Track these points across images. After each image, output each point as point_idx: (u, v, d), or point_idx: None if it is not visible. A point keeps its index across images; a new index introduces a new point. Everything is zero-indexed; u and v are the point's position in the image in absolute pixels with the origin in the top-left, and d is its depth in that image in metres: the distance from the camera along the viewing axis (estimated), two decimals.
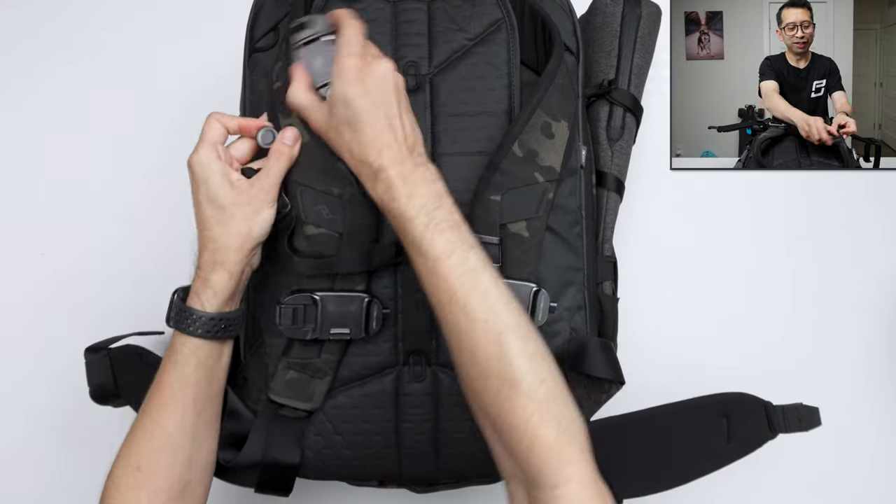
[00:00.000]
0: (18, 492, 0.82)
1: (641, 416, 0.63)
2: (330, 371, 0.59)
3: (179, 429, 0.55)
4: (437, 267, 0.50)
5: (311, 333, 0.58)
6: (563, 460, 0.46)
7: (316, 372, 0.59)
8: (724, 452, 0.62)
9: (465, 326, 0.49)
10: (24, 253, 0.84)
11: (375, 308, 0.58)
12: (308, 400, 0.60)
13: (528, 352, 0.48)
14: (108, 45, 0.87)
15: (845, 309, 0.80)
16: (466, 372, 0.50)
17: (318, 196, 0.57)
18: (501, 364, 0.47)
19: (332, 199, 0.57)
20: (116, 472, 0.54)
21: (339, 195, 0.57)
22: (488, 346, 0.48)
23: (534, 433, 0.46)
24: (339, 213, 0.57)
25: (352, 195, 0.57)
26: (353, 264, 0.57)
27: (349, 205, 0.57)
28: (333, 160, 0.57)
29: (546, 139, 0.58)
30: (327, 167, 0.57)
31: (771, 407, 0.62)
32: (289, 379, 0.60)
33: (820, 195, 0.82)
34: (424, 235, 0.51)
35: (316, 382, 0.59)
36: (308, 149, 0.58)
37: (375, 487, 0.67)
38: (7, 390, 0.82)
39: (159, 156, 0.84)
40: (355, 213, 0.57)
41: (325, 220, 0.57)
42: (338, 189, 0.57)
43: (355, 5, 0.62)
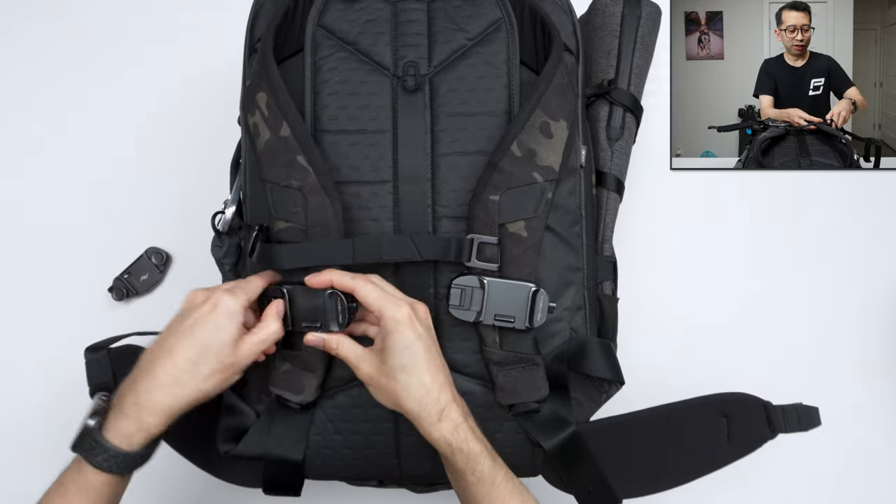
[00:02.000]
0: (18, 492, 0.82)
1: (641, 416, 0.63)
2: (319, 365, 0.59)
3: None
4: (493, 490, 0.55)
5: (286, 325, 0.58)
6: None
7: (305, 365, 0.59)
8: (724, 452, 0.62)
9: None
10: (24, 253, 0.84)
11: (339, 302, 0.57)
12: (299, 392, 0.60)
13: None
14: (108, 45, 0.87)
15: (845, 309, 0.80)
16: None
17: (282, 191, 0.57)
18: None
19: (293, 193, 0.57)
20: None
21: (298, 188, 0.57)
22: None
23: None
24: (301, 206, 0.57)
25: (311, 186, 0.57)
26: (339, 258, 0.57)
27: (309, 195, 0.57)
28: (294, 154, 0.57)
29: (545, 139, 0.58)
30: (288, 161, 0.57)
31: (771, 407, 0.62)
32: (284, 370, 0.60)
33: (820, 195, 0.82)
34: (492, 467, 0.55)
35: (307, 376, 0.59)
36: (270, 145, 0.58)
37: (375, 487, 0.67)
38: (7, 390, 0.82)
39: (159, 156, 0.84)
40: (315, 203, 0.57)
41: (291, 214, 0.57)
42: (297, 182, 0.57)
43: (355, 5, 0.62)
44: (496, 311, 0.57)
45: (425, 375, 0.54)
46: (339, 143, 0.60)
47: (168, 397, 0.53)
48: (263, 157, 0.59)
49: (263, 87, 0.58)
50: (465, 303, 0.57)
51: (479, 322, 0.58)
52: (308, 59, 0.61)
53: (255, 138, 0.59)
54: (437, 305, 0.60)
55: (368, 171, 0.60)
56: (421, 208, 0.59)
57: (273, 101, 0.58)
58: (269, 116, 0.58)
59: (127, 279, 0.81)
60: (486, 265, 0.57)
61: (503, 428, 0.61)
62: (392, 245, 0.57)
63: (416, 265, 0.59)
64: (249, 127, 0.60)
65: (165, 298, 0.82)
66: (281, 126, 0.57)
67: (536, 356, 0.60)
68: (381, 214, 0.59)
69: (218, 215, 0.66)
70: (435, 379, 0.54)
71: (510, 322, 0.58)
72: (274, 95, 0.58)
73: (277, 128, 0.57)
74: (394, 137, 0.60)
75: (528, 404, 0.60)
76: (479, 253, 0.57)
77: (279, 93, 0.58)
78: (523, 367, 0.59)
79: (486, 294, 0.57)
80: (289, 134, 0.57)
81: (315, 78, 0.61)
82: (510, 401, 0.60)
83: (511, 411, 0.61)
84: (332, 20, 0.62)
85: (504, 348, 0.59)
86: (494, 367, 0.59)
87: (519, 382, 0.59)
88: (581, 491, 0.62)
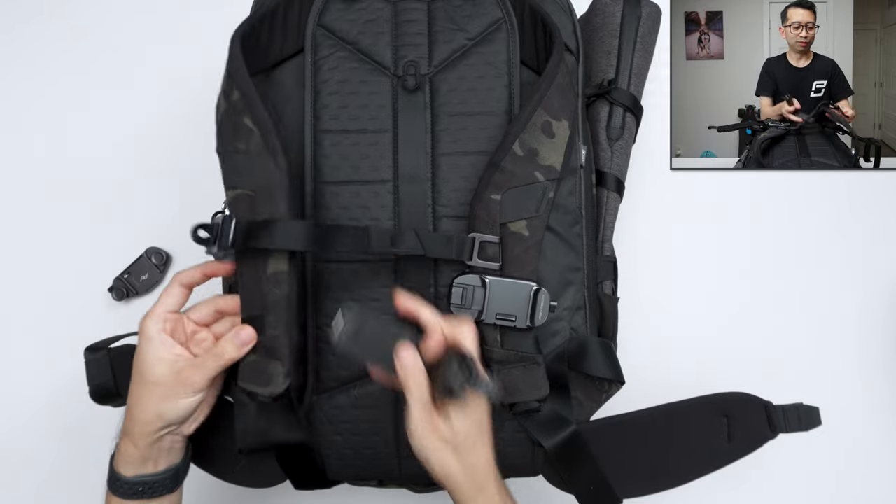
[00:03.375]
0: (19, 492, 0.82)
1: (641, 416, 0.63)
2: (284, 350, 0.56)
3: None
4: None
5: None
6: None
7: (269, 352, 0.56)
8: (724, 452, 0.62)
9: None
10: (24, 253, 0.84)
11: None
12: (266, 385, 0.56)
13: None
14: (108, 45, 0.87)
15: (845, 308, 0.80)
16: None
17: (231, 157, 0.56)
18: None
19: (240, 157, 0.56)
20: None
21: (244, 150, 0.56)
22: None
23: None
24: (247, 171, 0.56)
25: (256, 147, 0.55)
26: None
27: (256, 158, 0.55)
28: (240, 116, 0.55)
29: (547, 138, 0.58)
30: (235, 124, 0.56)
31: (771, 406, 0.62)
32: (249, 361, 0.57)
33: (820, 195, 0.82)
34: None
35: (273, 365, 0.56)
36: (223, 116, 0.57)
37: (375, 487, 0.67)
38: (7, 390, 0.82)
39: (159, 156, 0.84)
40: (260, 165, 0.55)
41: (237, 181, 0.56)
42: (243, 144, 0.56)
43: (356, 5, 0.62)
44: (497, 310, 0.57)
45: (480, 451, 0.54)
46: (340, 143, 0.60)
47: (128, 424, 0.56)
48: (220, 129, 0.58)
49: (227, 67, 0.58)
50: (466, 302, 0.57)
51: (481, 321, 0.58)
52: (308, 59, 0.61)
53: (216, 116, 0.59)
54: (437, 305, 0.60)
55: (368, 171, 0.60)
56: (421, 208, 0.59)
57: (227, 71, 0.57)
58: (224, 85, 0.58)
59: (127, 279, 0.81)
60: (488, 264, 0.57)
61: (503, 427, 0.61)
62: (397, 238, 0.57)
63: (416, 265, 0.59)
64: (217, 108, 0.59)
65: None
66: (232, 92, 0.57)
67: (537, 355, 0.60)
68: (381, 214, 0.59)
69: (218, 215, 0.66)
70: (482, 454, 0.54)
71: (511, 321, 0.58)
72: (231, 64, 0.57)
73: (230, 94, 0.57)
74: (394, 137, 0.60)
75: (529, 403, 0.60)
76: (480, 252, 0.57)
77: (234, 59, 0.57)
78: (524, 366, 0.59)
79: (487, 293, 0.57)
80: (238, 97, 0.56)
81: (315, 78, 0.61)
82: (511, 400, 0.60)
83: (512, 410, 0.61)
84: (332, 20, 0.62)
85: (505, 347, 0.59)
86: (495, 366, 0.59)
87: (520, 381, 0.59)
88: (581, 491, 0.62)
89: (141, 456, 0.55)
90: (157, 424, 0.55)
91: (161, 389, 0.55)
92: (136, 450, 0.55)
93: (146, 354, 0.55)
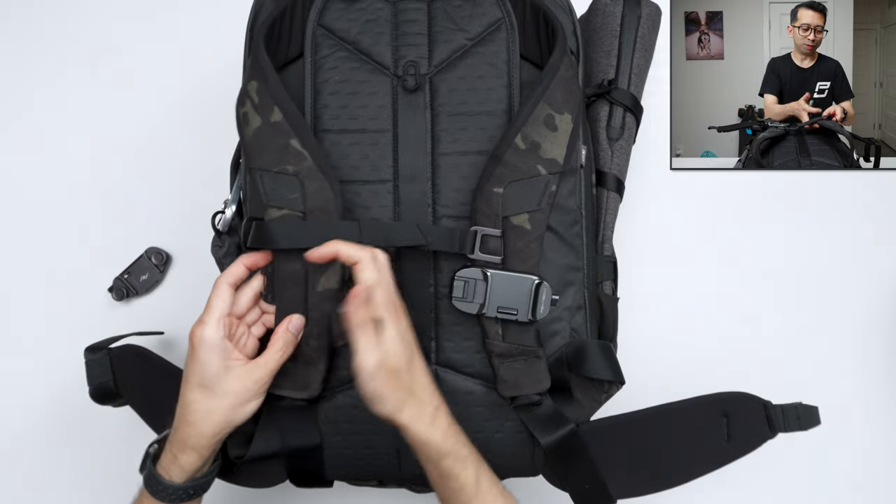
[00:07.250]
0: (19, 492, 0.82)
1: (641, 416, 0.63)
2: (320, 358, 0.58)
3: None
4: (477, 497, 0.54)
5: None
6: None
7: (308, 360, 0.58)
8: (724, 452, 0.62)
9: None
10: (24, 253, 0.84)
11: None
12: (304, 389, 0.59)
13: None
14: (109, 47, 0.87)
15: (845, 308, 0.80)
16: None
17: (275, 178, 0.57)
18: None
19: (289, 178, 0.57)
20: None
21: (294, 173, 0.57)
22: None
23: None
24: (299, 192, 0.57)
25: (307, 170, 0.56)
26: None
27: (307, 180, 0.56)
28: (287, 138, 0.56)
29: (549, 131, 0.58)
30: (280, 146, 0.57)
31: (770, 406, 0.62)
32: (284, 369, 0.58)
33: (820, 195, 0.82)
34: (477, 472, 0.54)
35: (311, 371, 0.58)
36: (260, 132, 0.57)
37: (375, 487, 0.67)
38: (7, 390, 0.82)
39: (160, 156, 0.84)
40: (314, 187, 0.56)
41: (287, 201, 0.57)
42: (292, 167, 0.57)
43: (356, 5, 0.62)
44: (499, 303, 0.58)
45: (422, 370, 0.55)
46: (340, 143, 0.60)
47: (192, 437, 0.54)
48: (252, 144, 0.58)
49: (255, 76, 0.58)
50: (467, 295, 0.58)
51: (482, 314, 0.58)
52: (308, 59, 0.61)
53: (243, 127, 0.59)
54: (438, 304, 0.60)
55: (369, 171, 0.60)
56: (421, 207, 0.59)
57: (263, 88, 0.57)
58: (260, 102, 0.58)
59: (127, 279, 0.81)
60: (490, 257, 0.58)
61: (503, 428, 0.61)
62: (399, 229, 0.58)
63: (416, 261, 0.59)
64: (240, 117, 0.59)
65: (165, 298, 0.82)
66: (271, 111, 0.57)
67: (538, 348, 0.60)
68: (382, 213, 0.59)
69: (218, 215, 0.66)
70: (426, 375, 0.55)
71: (513, 314, 0.58)
72: (264, 82, 0.57)
73: (268, 113, 0.57)
74: (394, 137, 0.60)
75: (530, 396, 0.60)
76: (482, 245, 0.58)
77: (269, 78, 0.57)
78: (525, 359, 0.59)
79: (489, 286, 0.57)
80: (280, 118, 0.57)
81: (315, 77, 0.61)
82: (512, 393, 0.60)
83: (513, 404, 0.61)
84: (332, 20, 0.62)
85: (507, 340, 0.59)
86: (497, 360, 0.59)
87: (521, 374, 0.59)
88: (576, 489, 0.62)
89: (202, 461, 0.55)
90: (225, 431, 0.55)
91: (232, 398, 0.54)
92: (200, 458, 0.55)
93: (212, 366, 0.54)
